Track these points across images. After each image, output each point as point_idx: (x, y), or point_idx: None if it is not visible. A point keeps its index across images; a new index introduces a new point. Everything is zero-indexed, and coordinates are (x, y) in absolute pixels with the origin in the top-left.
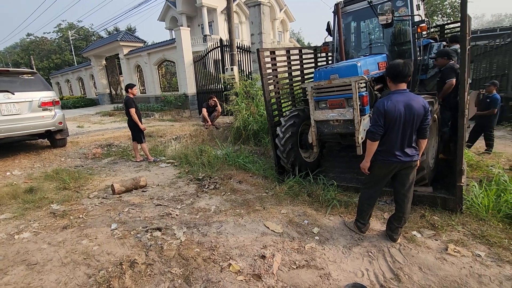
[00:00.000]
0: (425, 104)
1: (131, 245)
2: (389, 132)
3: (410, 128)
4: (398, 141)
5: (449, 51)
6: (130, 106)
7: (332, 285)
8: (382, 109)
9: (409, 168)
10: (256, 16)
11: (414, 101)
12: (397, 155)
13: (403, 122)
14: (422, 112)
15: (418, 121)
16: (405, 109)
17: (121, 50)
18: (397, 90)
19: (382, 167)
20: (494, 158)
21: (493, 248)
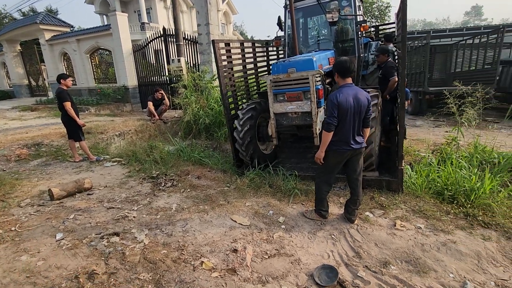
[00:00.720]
0: (368, 96)
1: (85, 255)
2: (342, 122)
3: (358, 118)
4: (350, 131)
5: (389, 48)
6: (65, 100)
7: (303, 269)
8: (336, 101)
9: (359, 155)
10: (202, 5)
11: (361, 94)
12: (350, 143)
13: (353, 113)
14: (366, 104)
15: (363, 112)
16: (354, 101)
17: (42, 34)
18: (346, 84)
19: (336, 156)
20: (419, 144)
21: (429, 220)
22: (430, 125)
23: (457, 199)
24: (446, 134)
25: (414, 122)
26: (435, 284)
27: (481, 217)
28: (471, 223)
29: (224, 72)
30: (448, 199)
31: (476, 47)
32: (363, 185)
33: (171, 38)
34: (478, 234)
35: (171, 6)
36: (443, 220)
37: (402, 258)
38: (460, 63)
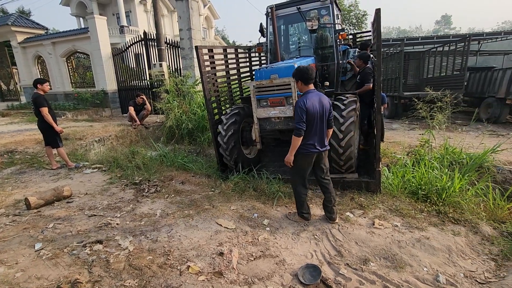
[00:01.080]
0: (329, 100)
1: (67, 264)
2: (309, 127)
3: (323, 121)
4: (317, 134)
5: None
6: (41, 105)
7: (288, 269)
8: (304, 107)
9: (325, 156)
10: (184, 11)
11: (323, 98)
12: (317, 146)
13: (319, 117)
14: (329, 107)
15: (327, 114)
16: (319, 106)
17: (13, 36)
18: (309, 90)
19: (305, 158)
20: (395, 146)
21: (405, 218)
22: (406, 128)
23: (430, 198)
24: (420, 137)
25: (390, 125)
26: (411, 278)
27: (451, 214)
28: (442, 220)
29: (208, 78)
30: (422, 198)
31: (446, 54)
32: (344, 186)
33: (152, 42)
34: (449, 230)
35: (152, 10)
36: (417, 218)
37: (380, 255)
38: (431, 69)
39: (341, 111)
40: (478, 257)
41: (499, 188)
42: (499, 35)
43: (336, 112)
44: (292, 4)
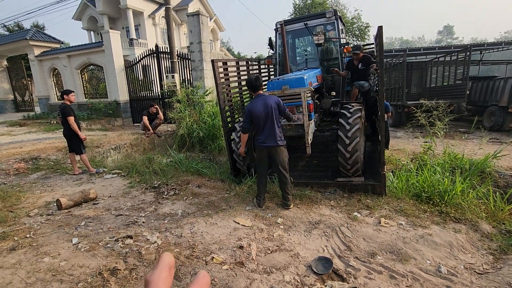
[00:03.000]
0: (276, 99)
1: (104, 255)
2: (256, 126)
3: (271, 119)
4: (264, 131)
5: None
6: (68, 114)
7: (302, 261)
8: (248, 110)
9: (278, 151)
10: (195, 25)
11: (269, 99)
12: (265, 141)
13: (264, 116)
14: (275, 105)
15: (275, 113)
16: (263, 107)
17: (31, 50)
18: (257, 95)
19: (257, 152)
20: (399, 153)
21: (409, 218)
22: (409, 136)
23: (432, 199)
24: (423, 144)
25: (395, 133)
26: (415, 269)
27: (453, 214)
28: (444, 219)
29: (222, 88)
30: (425, 199)
31: (448, 64)
32: (351, 189)
33: (163, 54)
34: (450, 228)
35: (159, 23)
36: (421, 217)
37: (386, 250)
38: (434, 78)
39: (347, 118)
40: (478, 252)
41: (501, 192)
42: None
43: (343, 120)
44: (300, 20)
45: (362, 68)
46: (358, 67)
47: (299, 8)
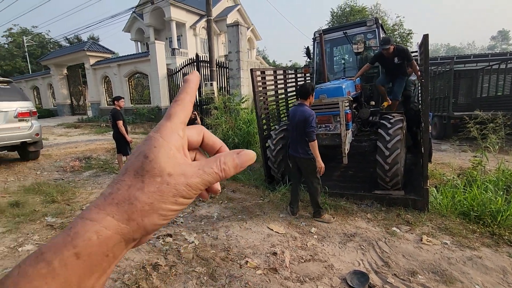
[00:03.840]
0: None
1: (146, 251)
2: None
3: (297, 131)
4: (292, 140)
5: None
6: (118, 119)
7: (336, 273)
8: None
9: (302, 162)
10: (234, 35)
11: (300, 112)
12: (292, 150)
13: (292, 126)
14: (302, 119)
15: (300, 125)
16: (294, 117)
17: (87, 60)
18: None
19: (289, 160)
20: (444, 167)
21: (455, 237)
22: (456, 149)
23: (483, 219)
24: (472, 159)
25: (439, 146)
26: None
27: (507, 237)
28: (497, 242)
29: (260, 97)
30: (474, 219)
31: (503, 72)
32: (390, 202)
33: (203, 63)
34: (504, 252)
35: (200, 34)
36: (469, 237)
37: (429, 269)
38: (486, 88)
39: (387, 129)
40: None
41: None
42: None
43: (383, 130)
44: (339, 29)
45: (398, 62)
46: (394, 61)
47: (337, 16)
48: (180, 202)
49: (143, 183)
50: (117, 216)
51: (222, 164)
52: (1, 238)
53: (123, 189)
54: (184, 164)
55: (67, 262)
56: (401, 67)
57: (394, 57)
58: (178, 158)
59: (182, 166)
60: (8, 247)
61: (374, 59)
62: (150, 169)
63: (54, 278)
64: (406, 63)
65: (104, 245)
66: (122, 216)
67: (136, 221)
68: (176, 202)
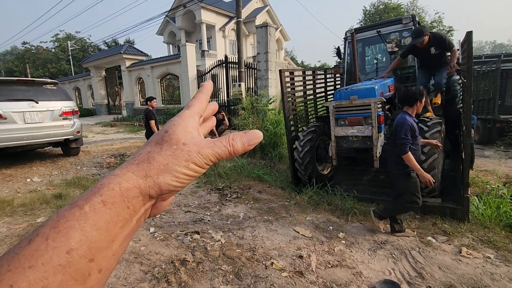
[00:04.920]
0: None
1: (175, 246)
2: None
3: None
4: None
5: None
6: (151, 118)
7: (365, 281)
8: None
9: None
10: (263, 36)
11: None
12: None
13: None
14: (394, 127)
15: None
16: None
17: (123, 62)
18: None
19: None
20: (487, 175)
21: (499, 251)
22: (502, 156)
23: None
24: None
25: (482, 152)
26: None
27: None
28: None
29: (288, 98)
30: None
31: None
32: (425, 210)
33: (231, 64)
34: None
35: (229, 35)
36: None
37: (468, 284)
38: None
39: (424, 132)
40: None
41: None
42: None
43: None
44: (372, 27)
45: (437, 53)
46: (430, 52)
47: (369, 15)
48: (191, 168)
49: (161, 149)
50: (137, 172)
51: (230, 140)
52: None
53: (144, 153)
54: (198, 138)
55: (96, 208)
56: (440, 57)
57: (430, 47)
58: (193, 134)
59: (196, 139)
60: None
61: (406, 52)
62: (168, 140)
63: (86, 220)
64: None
65: (125, 196)
66: (140, 173)
67: (152, 178)
68: (188, 167)
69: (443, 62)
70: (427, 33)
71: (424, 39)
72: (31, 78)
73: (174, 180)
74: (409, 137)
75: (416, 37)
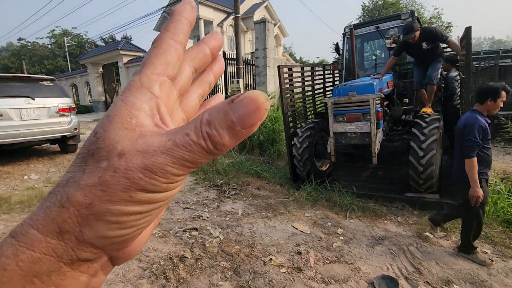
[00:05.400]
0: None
1: (174, 243)
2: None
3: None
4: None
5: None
6: None
7: (363, 277)
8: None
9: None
10: (261, 32)
11: (462, 119)
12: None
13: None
14: (461, 128)
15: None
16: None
17: (120, 58)
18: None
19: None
20: None
21: (497, 246)
22: (500, 152)
23: None
24: None
25: None
26: None
27: None
28: None
29: (286, 94)
30: None
31: None
32: (423, 206)
33: (229, 61)
34: None
35: (227, 31)
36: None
37: (465, 279)
38: None
39: (422, 128)
40: None
41: None
42: None
43: (417, 130)
44: (371, 23)
45: (429, 47)
46: (422, 47)
47: (368, 10)
48: (140, 199)
49: (83, 172)
50: (43, 227)
51: (204, 126)
52: None
53: (60, 186)
54: (152, 135)
55: None
56: (433, 51)
57: (421, 43)
58: (142, 127)
59: (146, 139)
60: None
61: (399, 49)
62: (95, 151)
63: None
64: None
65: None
66: (49, 227)
67: (73, 234)
68: (132, 200)
69: (436, 55)
70: (417, 28)
71: (415, 35)
72: (27, 74)
73: (113, 228)
74: (479, 140)
75: (408, 33)
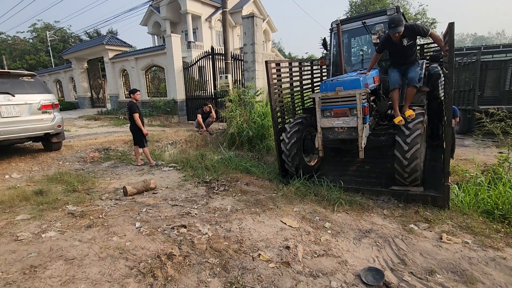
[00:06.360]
0: None
1: (161, 241)
2: None
3: None
4: None
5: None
6: (134, 111)
7: (350, 270)
8: None
9: None
10: (249, 27)
11: None
12: None
13: None
14: None
15: None
16: None
17: (106, 53)
18: None
19: None
20: (466, 163)
21: (477, 236)
22: (480, 145)
23: (508, 218)
24: (498, 155)
25: (462, 141)
26: None
27: None
28: None
29: (274, 89)
30: (499, 218)
31: None
32: (408, 199)
33: (218, 56)
34: None
35: (215, 26)
36: (492, 237)
37: (448, 269)
38: None
39: (407, 123)
40: None
41: None
42: None
43: (402, 124)
44: (358, 19)
45: (409, 44)
46: (403, 44)
47: (355, 6)
48: None
49: None
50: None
51: None
52: (26, 225)
53: None
54: None
55: None
56: (412, 49)
57: (402, 39)
58: None
59: None
60: (33, 233)
61: (381, 46)
62: None
63: None
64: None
65: None
66: None
67: None
68: None
69: (415, 57)
70: (403, 23)
71: (401, 30)
72: (7, 70)
73: None
74: None
75: (395, 26)
